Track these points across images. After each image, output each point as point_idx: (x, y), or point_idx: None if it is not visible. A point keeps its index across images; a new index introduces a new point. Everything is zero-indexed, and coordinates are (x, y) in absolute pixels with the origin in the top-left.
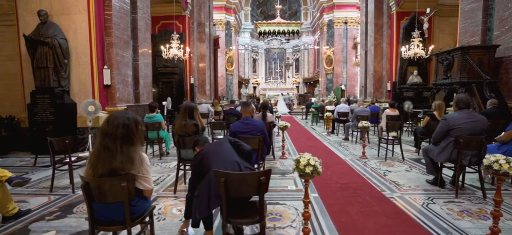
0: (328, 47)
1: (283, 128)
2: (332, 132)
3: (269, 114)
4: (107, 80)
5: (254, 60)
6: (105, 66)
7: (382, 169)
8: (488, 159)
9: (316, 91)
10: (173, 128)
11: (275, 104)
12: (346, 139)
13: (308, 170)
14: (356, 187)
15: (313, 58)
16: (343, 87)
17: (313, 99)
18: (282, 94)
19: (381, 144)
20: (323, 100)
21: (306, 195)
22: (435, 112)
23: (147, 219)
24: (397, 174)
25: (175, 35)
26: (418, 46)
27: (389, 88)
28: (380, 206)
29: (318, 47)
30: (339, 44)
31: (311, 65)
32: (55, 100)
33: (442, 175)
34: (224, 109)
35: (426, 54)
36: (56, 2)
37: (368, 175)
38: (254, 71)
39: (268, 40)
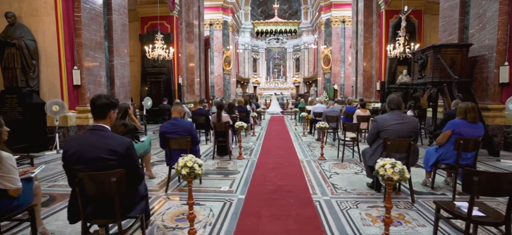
0: (325, 46)
1: (240, 128)
2: (310, 132)
3: (224, 114)
4: (76, 81)
5: (255, 60)
6: (75, 67)
7: (331, 171)
8: (378, 163)
9: (312, 91)
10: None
11: (267, 104)
12: (318, 139)
13: (185, 171)
14: (289, 189)
15: (313, 58)
16: (335, 87)
17: (310, 99)
18: (275, 94)
19: (341, 145)
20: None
21: (190, 196)
22: None
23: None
24: (342, 176)
25: (159, 35)
26: (404, 45)
27: (378, 88)
28: (298, 210)
29: (317, 46)
30: (337, 44)
31: (311, 64)
32: (23, 100)
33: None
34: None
35: (404, 53)
36: (25, 4)
37: (312, 177)
38: (255, 70)
39: (268, 40)
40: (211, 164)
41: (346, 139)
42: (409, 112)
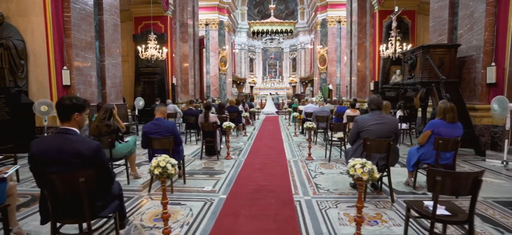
0: (321, 46)
1: (227, 128)
2: (302, 132)
3: (211, 115)
4: (66, 81)
5: (251, 60)
6: (65, 67)
7: (317, 171)
8: (349, 163)
9: (308, 91)
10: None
11: (262, 104)
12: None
13: (157, 171)
14: (272, 189)
15: (309, 58)
16: (330, 87)
17: (304, 99)
18: (270, 94)
19: (328, 145)
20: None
21: (164, 196)
22: None
23: None
24: (327, 176)
25: (152, 36)
26: (395, 45)
27: (372, 88)
28: (277, 210)
29: (313, 46)
30: (333, 44)
31: (307, 64)
32: (10, 100)
33: None
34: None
35: (395, 53)
36: (14, 4)
37: (297, 177)
38: (251, 70)
39: (265, 40)
40: (198, 164)
41: (334, 138)
42: (399, 112)
